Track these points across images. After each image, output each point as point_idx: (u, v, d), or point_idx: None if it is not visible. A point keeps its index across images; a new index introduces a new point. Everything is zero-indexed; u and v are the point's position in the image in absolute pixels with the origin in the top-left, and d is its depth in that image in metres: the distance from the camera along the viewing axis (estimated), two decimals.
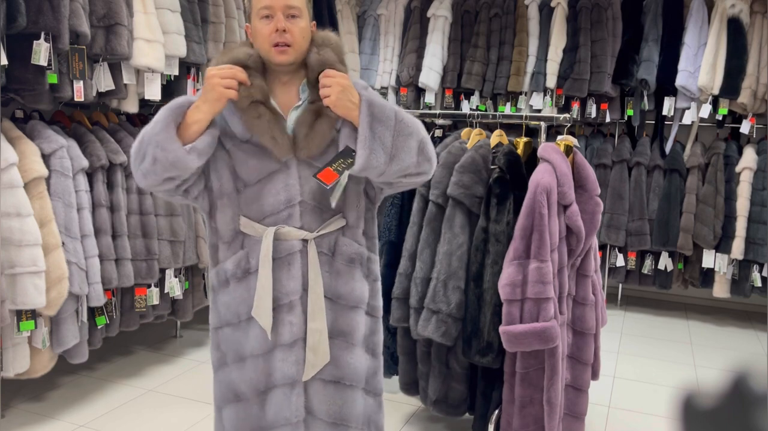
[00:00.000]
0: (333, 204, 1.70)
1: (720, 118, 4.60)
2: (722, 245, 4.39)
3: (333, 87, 1.63)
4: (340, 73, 1.66)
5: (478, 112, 3.00)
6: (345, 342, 1.78)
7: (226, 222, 1.75)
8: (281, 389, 1.72)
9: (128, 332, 3.48)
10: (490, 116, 2.77)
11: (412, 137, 1.66)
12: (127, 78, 3.16)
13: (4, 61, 2.53)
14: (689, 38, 4.50)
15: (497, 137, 2.59)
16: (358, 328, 1.80)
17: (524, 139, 2.60)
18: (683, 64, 4.46)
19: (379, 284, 1.88)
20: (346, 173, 1.64)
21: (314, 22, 1.76)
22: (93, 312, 3.04)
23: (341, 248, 1.76)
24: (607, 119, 4.74)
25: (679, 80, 4.45)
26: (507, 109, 4.87)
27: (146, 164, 1.63)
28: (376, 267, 1.87)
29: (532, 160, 2.51)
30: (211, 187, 1.75)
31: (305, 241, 1.71)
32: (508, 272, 2.26)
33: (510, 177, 2.41)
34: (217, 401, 1.84)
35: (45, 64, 2.64)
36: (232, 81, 1.62)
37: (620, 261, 4.65)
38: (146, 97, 3.27)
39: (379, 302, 1.89)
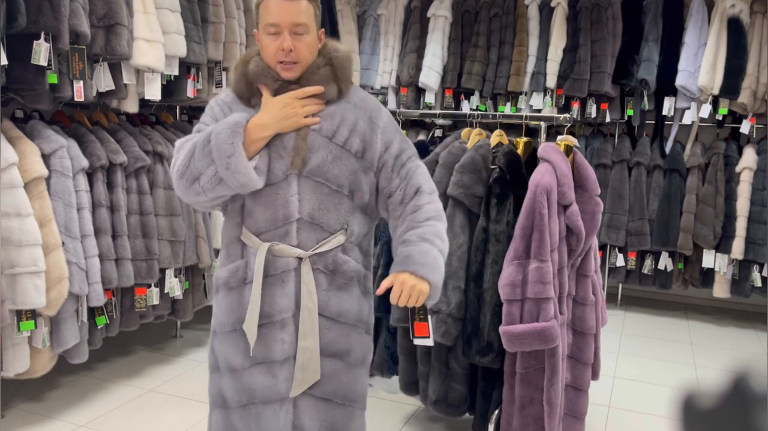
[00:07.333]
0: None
1: (720, 118, 4.60)
2: (722, 245, 4.39)
3: (400, 290, 1.67)
4: (404, 281, 1.68)
5: (478, 112, 2.99)
6: (342, 361, 1.77)
7: (231, 227, 1.77)
8: (270, 406, 1.73)
9: (128, 332, 3.48)
10: (490, 116, 2.77)
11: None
12: (127, 78, 3.16)
13: (4, 61, 2.53)
14: (689, 38, 4.50)
15: (497, 136, 2.59)
16: (358, 347, 1.81)
17: (524, 139, 2.60)
18: (683, 64, 4.46)
19: (372, 301, 1.89)
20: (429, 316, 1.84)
21: (322, 30, 1.77)
22: (93, 312, 3.04)
23: (341, 266, 1.75)
24: (607, 119, 4.74)
25: (679, 80, 4.45)
26: (507, 109, 4.86)
27: (204, 183, 1.63)
28: (371, 284, 1.87)
29: (532, 160, 2.51)
30: None
31: (300, 259, 1.71)
32: (508, 272, 2.26)
33: (510, 177, 2.41)
34: (209, 401, 1.87)
35: (45, 64, 2.64)
36: (313, 109, 1.68)
37: (620, 261, 4.64)
38: (146, 97, 3.27)
39: (372, 319, 1.89)
